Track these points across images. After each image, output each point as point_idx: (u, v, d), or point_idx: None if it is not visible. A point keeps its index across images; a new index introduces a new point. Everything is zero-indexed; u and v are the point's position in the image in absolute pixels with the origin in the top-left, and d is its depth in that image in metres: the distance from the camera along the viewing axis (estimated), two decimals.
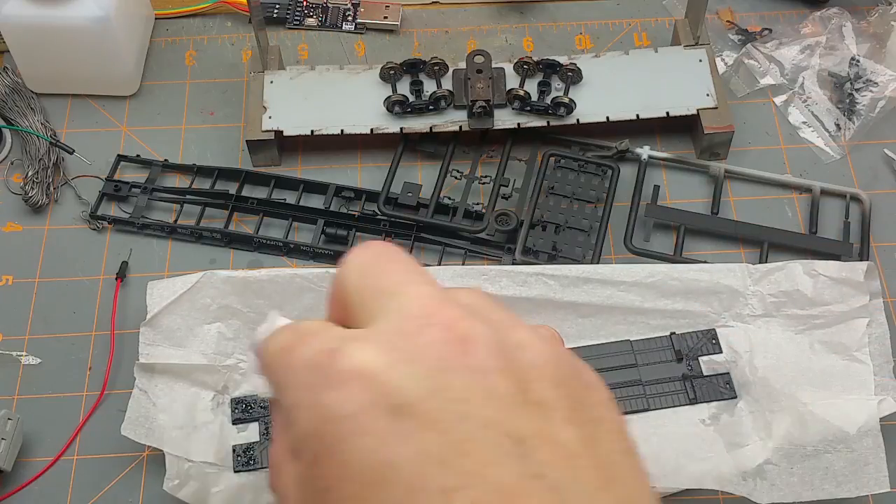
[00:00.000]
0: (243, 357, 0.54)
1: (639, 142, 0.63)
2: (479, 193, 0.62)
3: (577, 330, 0.55)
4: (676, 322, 0.55)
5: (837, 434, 0.50)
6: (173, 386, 0.53)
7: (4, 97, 0.65)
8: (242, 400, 0.53)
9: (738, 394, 0.53)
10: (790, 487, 0.49)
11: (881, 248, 0.60)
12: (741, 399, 0.53)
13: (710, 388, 0.53)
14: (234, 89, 0.67)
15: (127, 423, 0.51)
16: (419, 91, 0.62)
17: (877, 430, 0.50)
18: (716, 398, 0.53)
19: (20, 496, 0.52)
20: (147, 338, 0.53)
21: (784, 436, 0.50)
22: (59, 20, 0.61)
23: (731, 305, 0.55)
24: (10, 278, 0.60)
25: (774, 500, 0.49)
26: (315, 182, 0.62)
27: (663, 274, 0.54)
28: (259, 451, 0.52)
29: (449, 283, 0.54)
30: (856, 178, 0.63)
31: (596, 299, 0.54)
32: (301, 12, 0.71)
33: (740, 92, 0.66)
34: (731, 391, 0.53)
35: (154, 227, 0.61)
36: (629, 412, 0.53)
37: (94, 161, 0.63)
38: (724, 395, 0.53)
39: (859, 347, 0.53)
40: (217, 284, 0.54)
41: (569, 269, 0.55)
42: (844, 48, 0.67)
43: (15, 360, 0.57)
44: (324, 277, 0.54)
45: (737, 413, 0.52)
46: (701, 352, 0.54)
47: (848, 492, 0.49)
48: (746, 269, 0.55)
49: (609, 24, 0.70)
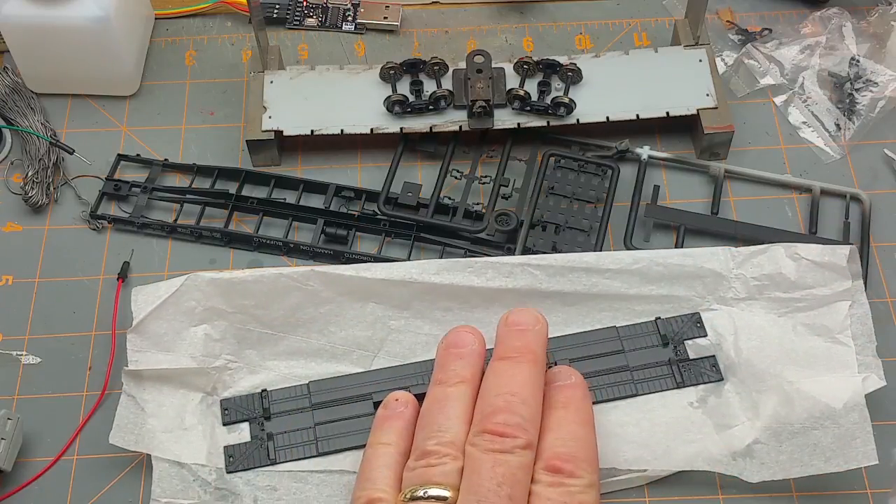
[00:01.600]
0: (231, 357, 0.54)
1: (639, 142, 0.63)
2: (479, 193, 0.62)
3: (563, 318, 0.55)
4: (661, 307, 0.55)
5: (824, 410, 0.50)
6: (161, 390, 0.53)
7: (4, 97, 0.65)
8: (232, 401, 0.54)
9: (725, 376, 0.53)
10: (780, 465, 0.50)
11: (881, 248, 0.60)
12: (727, 381, 0.53)
13: (696, 371, 0.54)
14: (234, 89, 0.67)
15: (115, 431, 0.51)
16: (419, 91, 0.63)
17: (862, 404, 0.50)
18: (702, 381, 0.53)
19: (20, 496, 0.52)
20: (134, 344, 0.53)
21: (771, 415, 0.51)
22: (59, 20, 0.61)
23: (715, 289, 0.55)
24: (10, 278, 0.60)
25: (765, 478, 0.50)
26: (315, 182, 0.62)
27: (647, 260, 0.55)
28: (251, 451, 0.52)
29: (435, 277, 0.54)
30: (856, 178, 0.63)
31: (581, 287, 0.55)
32: (301, 12, 0.71)
33: (740, 92, 0.66)
34: (718, 373, 0.53)
35: (154, 226, 0.61)
36: (617, 398, 0.53)
37: (94, 161, 0.63)
38: (710, 378, 0.53)
39: (842, 330, 0.53)
40: (202, 287, 0.54)
41: (554, 259, 0.55)
42: (844, 48, 0.67)
43: (15, 360, 0.57)
44: (309, 276, 0.54)
45: (724, 395, 0.53)
46: (686, 336, 0.55)
47: (836, 466, 0.49)
48: (729, 253, 0.55)
49: (609, 24, 0.70)
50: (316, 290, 0.54)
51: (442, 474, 0.44)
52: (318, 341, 0.55)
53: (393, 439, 0.48)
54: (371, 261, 0.59)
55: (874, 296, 0.57)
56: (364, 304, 0.55)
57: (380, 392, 0.53)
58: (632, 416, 0.52)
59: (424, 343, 0.55)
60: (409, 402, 0.50)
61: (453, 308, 0.55)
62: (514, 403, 0.46)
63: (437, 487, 0.44)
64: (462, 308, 0.55)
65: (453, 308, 0.55)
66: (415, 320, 0.55)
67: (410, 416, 0.49)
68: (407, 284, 0.54)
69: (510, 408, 0.46)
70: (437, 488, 0.44)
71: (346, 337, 0.55)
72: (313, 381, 0.54)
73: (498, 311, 0.55)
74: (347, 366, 0.55)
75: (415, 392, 0.53)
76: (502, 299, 0.55)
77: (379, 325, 0.55)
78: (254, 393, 0.54)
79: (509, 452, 0.44)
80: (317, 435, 0.53)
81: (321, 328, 0.55)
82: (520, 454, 0.44)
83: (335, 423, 0.53)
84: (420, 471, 0.45)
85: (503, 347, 0.49)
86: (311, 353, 0.55)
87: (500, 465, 0.44)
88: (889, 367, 0.53)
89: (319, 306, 0.55)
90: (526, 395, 0.46)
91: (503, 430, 0.45)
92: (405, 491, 0.44)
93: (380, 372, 0.54)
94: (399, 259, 0.58)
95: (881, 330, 0.55)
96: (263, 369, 0.55)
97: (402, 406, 0.50)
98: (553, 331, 0.55)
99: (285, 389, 0.54)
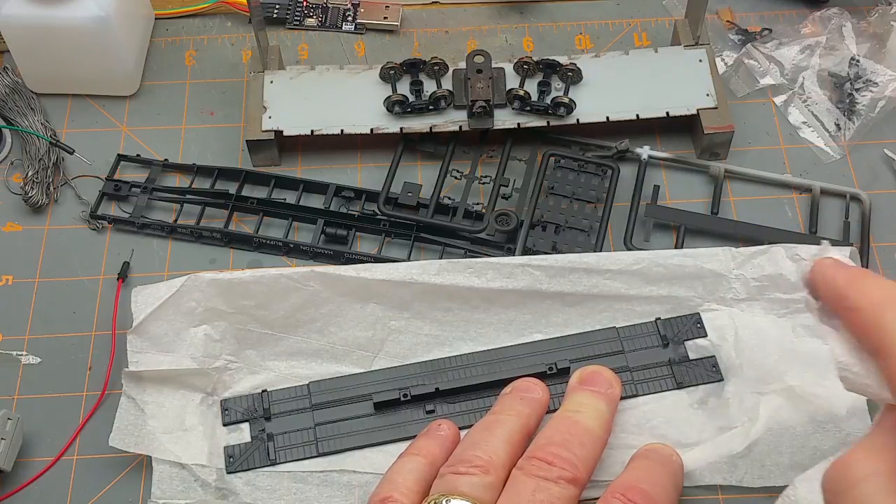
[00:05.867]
0: (231, 358, 0.54)
1: (639, 142, 0.63)
2: (479, 193, 0.62)
3: (563, 319, 0.55)
4: (661, 307, 0.55)
5: (826, 415, 0.50)
6: (162, 390, 0.53)
7: (4, 97, 0.65)
8: (232, 401, 0.54)
9: (725, 376, 0.53)
10: (780, 469, 0.50)
11: (881, 248, 0.60)
12: (728, 382, 0.53)
13: (696, 371, 0.54)
14: (234, 89, 0.67)
15: (115, 433, 0.51)
16: (419, 91, 0.63)
17: (864, 410, 0.50)
18: (703, 381, 0.53)
19: (20, 496, 0.52)
20: (135, 345, 0.53)
21: (772, 417, 0.50)
22: (59, 20, 0.61)
23: (716, 289, 0.55)
24: (10, 278, 0.60)
25: (766, 484, 0.50)
26: (315, 182, 0.62)
27: (648, 261, 0.55)
28: (252, 451, 0.52)
29: (435, 278, 0.54)
30: (856, 178, 0.63)
31: (581, 288, 0.55)
32: (301, 12, 0.71)
33: (740, 92, 0.66)
34: (718, 374, 0.53)
35: (154, 226, 0.61)
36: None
37: (94, 161, 0.63)
38: (710, 379, 0.53)
39: None
40: (202, 287, 0.54)
41: (554, 259, 0.55)
42: (844, 48, 0.67)
43: (15, 360, 0.57)
44: (309, 276, 0.54)
45: (724, 396, 0.53)
46: (686, 336, 0.55)
47: None
48: (730, 253, 0.55)
49: (609, 24, 0.70)
50: (316, 291, 0.54)
51: (469, 485, 0.44)
52: (319, 342, 0.55)
53: (424, 452, 0.47)
54: (371, 261, 0.59)
55: None
56: (364, 305, 0.55)
57: (380, 392, 0.53)
58: (633, 419, 0.52)
59: (425, 343, 0.55)
60: (450, 427, 0.50)
61: (453, 308, 0.55)
62: (571, 442, 0.45)
63: (460, 498, 0.43)
64: (462, 309, 0.55)
65: (453, 308, 0.55)
66: (415, 321, 0.55)
67: (448, 437, 0.49)
68: (407, 285, 0.54)
69: (566, 443, 0.45)
70: (460, 499, 0.43)
71: (347, 337, 0.55)
72: (313, 382, 0.54)
73: (498, 312, 0.55)
74: (348, 366, 0.55)
75: (415, 392, 0.53)
76: (503, 300, 0.55)
77: (379, 325, 0.55)
78: (254, 393, 0.54)
79: (553, 482, 0.43)
80: (317, 435, 0.53)
81: (321, 328, 0.55)
82: (564, 486, 0.43)
83: (335, 424, 0.53)
84: (449, 478, 0.44)
85: (571, 401, 0.49)
86: (311, 354, 0.55)
87: (542, 492, 0.43)
88: None
89: (320, 307, 0.55)
90: (586, 440, 0.46)
91: (552, 459, 0.44)
92: (430, 498, 0.44)
93: (380, 372, 0.54)
94: (399, 259, 0.58)
95: None
96: (264, 370, 0.55)
97: (444, 430, 0.49)
98: (553, 331, 0.55)
99: (285, 390, 0.54)
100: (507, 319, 0.55)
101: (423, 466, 0.46)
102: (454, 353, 0.55)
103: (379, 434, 0.53)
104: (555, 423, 0.47)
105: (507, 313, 0.55)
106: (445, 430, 0.49)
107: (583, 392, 0.49)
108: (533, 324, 0.55)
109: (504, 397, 0.50)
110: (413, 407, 0.53)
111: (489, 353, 0.55)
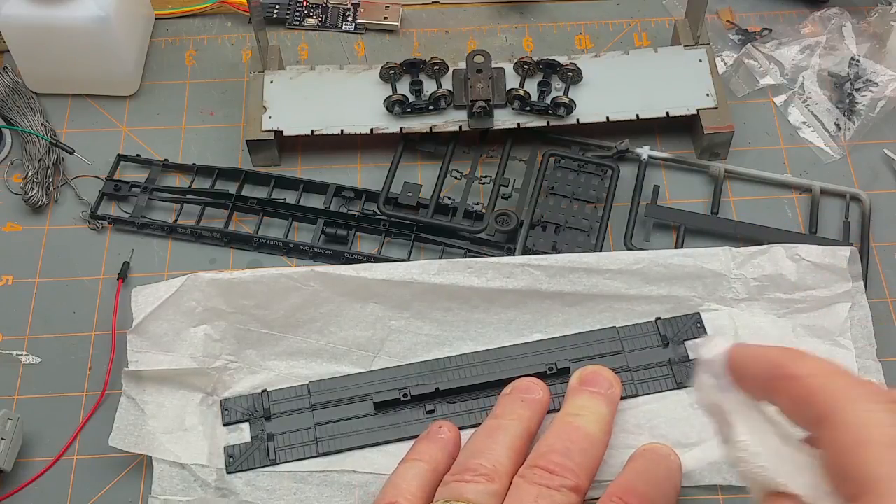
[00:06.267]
0: (231, 358, 0.54)
1: (639, 142, 0.63)
2: (479, 193, 0.62)
3: (563, 318, 0.55)
4: (662, 307, 0.55)
5: None
6: (162, 390, 0.53)
7: (4, 97, 0.65)
8: (232, 401, 0.54)
9: None
10: None
11: (881, 248, 0.60)
12: None
13: None
14: (234, 89, 0.67)
15: (115, 433, 0.51)
16: (419, 91, 0.63)
17: None
18: None
19: (20, 496, 0.52)
20: (135, 345, 0.53)
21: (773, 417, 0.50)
22: (59, 20, 0.61)
23: (716, 289, 0.55)
24: (10, 278, 0.60)
25: None
26: (315, 182, 0.62)
27: (648, 261, 0.55)
28: (252, 451, 0.52)
29: (435, 278, 0.54)
30: (856, 178, 0.63)
31: (581, 288, 0.55)
32: (301, 12, 0.71)
33: (740, 92, 0.66)
34: None
35: (154, 226, 0.61)
36: None
37: (94, 161, 0.63)
38: None
39: (842, 333, 0.53)
40: (202, 287, 0.54)
41: (554, 259, 0.55)
42: (844, 48, 0.67)
43: (15, 360, 0.57)
44: (309, 276, 0.54)
45: None
46: (687, 336, 0.55)
47: None
48: (730, 253, 0.55)
49: (609, 24, 0.70)
50: (316, 291, 0.54)
51: (475, 492, 0.44)
52: (319, 341, 0.55)
53: (427, 457, 0.48)
54: (371, 261, 0.59)
55: (874, 296, 0.57)
56: (364, 305, 0.55)
57: (380, 392, 0.53)
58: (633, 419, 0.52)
59: (425, 343, 0.55)
60: (451, 429, 0.50)
61: (453, 308, 0.55)
62: (572, 450, 0.45)
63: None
64: (462, 308, 0.55)
65: (453, 308, 0.55)
66: (415, 320, 0.55)
67: (450, 440, 0.49)
68: (407, 285, 0.54)
69: (567, 452, 0.45)
70: None
71: (347, 337, 0.55)
72: (313, 382, 0.54)
73: (498, 312, 0.55)
74: (348, 366, 0.55)
75: (415, 392, 0.53)
76: (503, 300, 0.55)
77: (379, 325, 0.55)
78: (254, 393, 0.54)
79: (556, 490, 0.44)
80: (317, 435, 0.53)
81: (321, 328, 0.55)
82: (566, 494, 0.44)
83: (335, 424, 0.53)
84: (454, 485, 0.45)
85: (571, 404, 0.49)
86: (311, 354, 0.55)
87: (545, 499, 0.43)
88: (889, 367, 0.53)
89: (319, 306, 0.55)
90: (587, 446, 0.46)
91: (554, 468, 0.44)
92: (434, 503, 0.44)
93: (380, 372, 0.54)
94: (399, 259, 0.58)
95: (881, 330, 0.55)
96: (264, 370, 0.55)
97: (444, 432, 0.49)
98: (553, 331, 0.55)
99: (285, 390, 0.54)
100: (507, 319, 0.55)
101: (426, 472, 0.47)
102: (454, 353, 0.55)
103: (379, 434, 0.53)
104: (556, 429, 0.47)
105: (507, 313, 0.55)
106: (446, 432, 0.49)
107: (583, 394, 0.49)
108: (533, 324, 0.55)
109: (504, 399, 0.50)
110: (413, 407, 0.53)
111: (489, 352, 0.55)
